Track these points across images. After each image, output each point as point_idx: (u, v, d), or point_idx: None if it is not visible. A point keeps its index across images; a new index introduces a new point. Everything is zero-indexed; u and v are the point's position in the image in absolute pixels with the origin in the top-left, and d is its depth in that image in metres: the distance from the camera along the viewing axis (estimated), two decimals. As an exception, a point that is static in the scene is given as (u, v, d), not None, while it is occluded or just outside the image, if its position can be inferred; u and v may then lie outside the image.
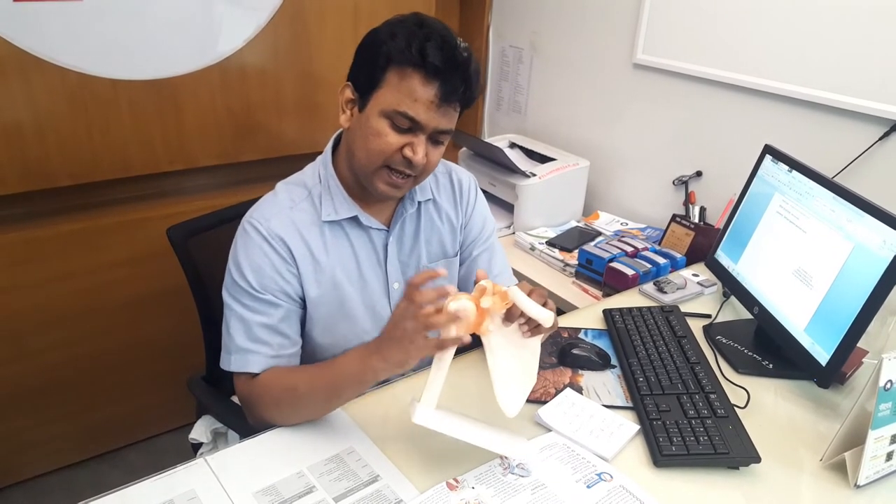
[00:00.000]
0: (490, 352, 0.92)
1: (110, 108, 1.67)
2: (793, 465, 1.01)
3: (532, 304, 0.89)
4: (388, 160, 1.01)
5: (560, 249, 1.86)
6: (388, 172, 1.03)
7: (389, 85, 0.98)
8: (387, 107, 0.98)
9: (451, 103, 0.99)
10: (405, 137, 1.00)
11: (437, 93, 0.96)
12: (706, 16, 1.76)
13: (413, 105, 0.97)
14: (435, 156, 1.05)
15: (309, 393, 0.99)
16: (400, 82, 0.97)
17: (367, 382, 0.95)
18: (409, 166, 1.01)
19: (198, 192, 1.94)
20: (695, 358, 1.20)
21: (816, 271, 1.16)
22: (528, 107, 2.42)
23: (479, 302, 0.88)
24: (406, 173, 1.03)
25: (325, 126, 2.02)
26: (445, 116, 1.00)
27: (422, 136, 1.00)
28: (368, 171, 1.03)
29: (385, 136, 0.99)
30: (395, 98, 0.97)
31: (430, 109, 0.97)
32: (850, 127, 1.53)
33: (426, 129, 0.99)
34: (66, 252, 1.73)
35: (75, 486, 1.92)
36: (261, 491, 0.90)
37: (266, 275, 1.05)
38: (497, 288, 0.90)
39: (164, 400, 2.02)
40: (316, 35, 1.89)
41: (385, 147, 1.00)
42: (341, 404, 1.03)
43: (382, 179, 1.04)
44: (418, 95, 0.96)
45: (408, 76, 0.96)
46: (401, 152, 1.00)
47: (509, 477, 0.93)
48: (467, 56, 0.99)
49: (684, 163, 1.93)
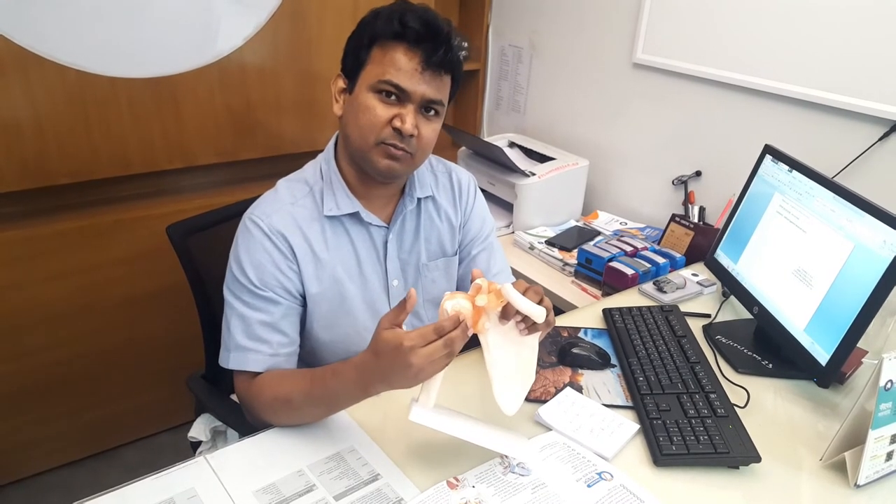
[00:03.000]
0: (487, 350, 0.92)
1: (109, 107, 1.66)
2: (793, 464, 1.01)
3: (524, 301, 0.89)
4: (379, 135, 1.01)
5: (559, 249, 1.86)
6: (383, 147, 1.02)
7: (374, 60, 1.01)
8: (372, 80, 1.00)
9: (435, 69, 1.00)
10: (394, 108, 1.00)
11: (420, 59, 0.98)
12: (706, 15, 1.76)
13: (397, 73, 0.99)
14: (427, 130, 1.04)
15: (304, 406, 0.98)
16: (384, 56, 1.00)
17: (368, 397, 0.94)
18: (402, 138, 1.01)
19: (197, 191, 1.93)
20: (695, 357, 1.20)
21: (816, 271, 1.16)
22: (528, 106, 2.42)
23: (475, 300, 0.88)
24: (400, 146, 1.02)
25: (325, 124, 2.02)
26: (432, 84, 1.01)
27: (410, 106, 1.01)
28: (364, 150, 1.03)
29: (373, 108, 1.00)
30: (380, 70, 1.00)
31: (414, 76, 0.99)
32: (851, 127, 1.53)
33: (413, 96, 1.00)
34: (66, 250, 1.72)
35: (73, 485, 1.91)
36: (261, 489, 0.90)
37: (266, 271, 1.04)
38: (492, 286, 0.90)
39: (162, 398, 2.02)
40: (316, 33, 1.89)
41: (374, 120, 1.00)
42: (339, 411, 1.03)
43: (380, 155, 1.03)
44: (402, 64, 0.99)
45: (391, 48, 0.99)
46: (391, 125, 1.00)
47: (510, 476, 0.93)
48: (449, 25, 1.01)
49: (684, 162, 1.93)
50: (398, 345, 0.83)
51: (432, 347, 0.83)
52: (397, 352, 0.84)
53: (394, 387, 0.88)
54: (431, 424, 0.90)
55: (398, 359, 0.84)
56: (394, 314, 0.87)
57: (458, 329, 0.85)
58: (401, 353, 0.83)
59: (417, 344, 0.83)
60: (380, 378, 0.88)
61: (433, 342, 0.84)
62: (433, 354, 0.83)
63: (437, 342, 0.84)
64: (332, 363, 0.97)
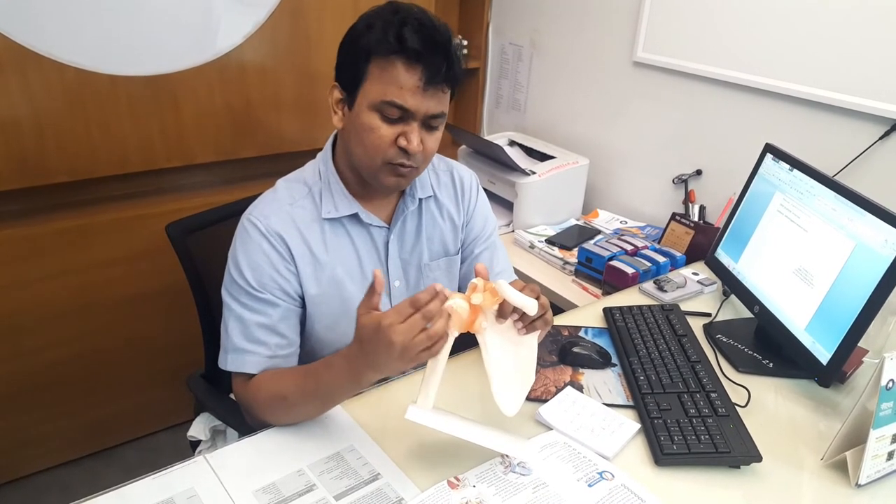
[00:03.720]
0: (486, 350, 0.91)
1: (108, 105, 1.66)
2: (794, 464, 1.00)
3: (516, 294, 0.88)
4: (385, 156, 1.00)
5: (560, 248, 1.86)
6: (390, 168, 1.02)
7: (373, 77, 0.98)
8: (374, 99, 0.98)
9: (437, 85, 0.98)
10: (398, 128, 0.99)
11: (421, 77, 0.96)
12: (706, 14, 1.76)
13: (399, 93, 0.96)
14: (431, 142, 1.03)
15: (300, 402, 0.98)
16: (382, 73, 0.97)
17: (361, 388, 0.94)
18: (407, 156, 1.01)
19: (196, 189, 1.93)
20: (695, 357, 1.20)
21: (817, 270, 1.16)
22: (528, 104, 2.41)
23: (471, 299, 0.88)
24: (406, 164, 1.02)
25: (324, 123, 2.00)
26: (434, 99, 0.99)
27: (414, 124, 1.00)
28: (372, 170, 1.03)
29: (377, 129, 0.99)
30: (380, 89, 0.97)
31: (416, 94, 0.97)
32: (852, 126, 1.53)
33: (417, 115, 0.99)
34: (64, 249, 1.72)
35: (72, 484, 1.91)
36: (261, 489, 0.90)
37: (264, 273, 1.04)
38: (487, 284, 0.89)
39: (161, 397, 2.02)
40: (315, 32, 1.88)
41: (379, 141, 0.99)
42: (335, 405, 1.03)
43: (387, 174, 1.03)
44: (403, 82, 0.96)
45: (390, 65, 0.96)
46: (396, 144, 1.00)
47: (510, 476, 0.93)
48: (446, 35, 0.98)
49: (684, 161, 1.92)
50: (377, 325, 0.83)
51: (411, 321, 0.83)
52: (378, 333, 0.83)
53: (383, 372, 0.88)
54: (427, 423, 0.90)
55: (380, 339, 0.83)
56: (367, 299, 0.87)
57: (435, 300, 0.84)
58: (381, 332, 0.83)
59: (395, 321, 0.82)
60: (368, 364, 0.87)
61: (411, 315, 0.83)
62: (413, 328, 0.82)
63: (415, 315, 0.83)
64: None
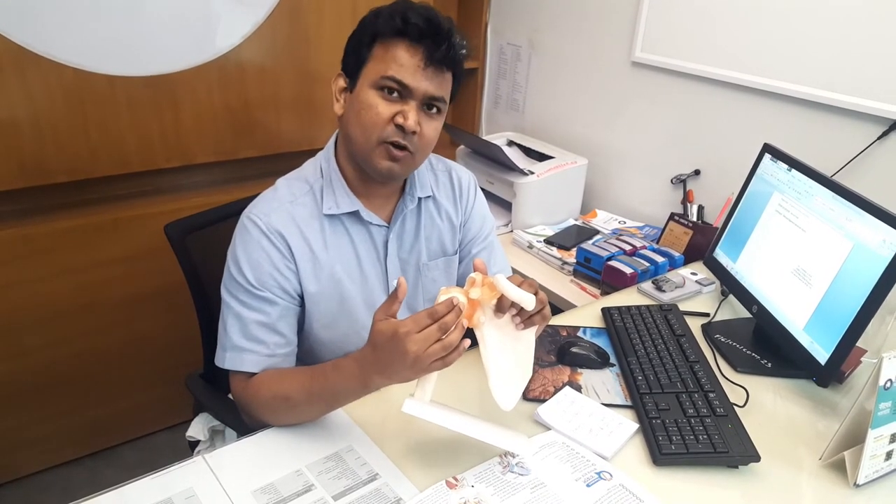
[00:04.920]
0: (484, 345, 0.92)
1: (107, 105, 1.66)
2: (792, 463, 1.01)
3: (514, 288, 0.89)
4: (382, 133, 1.01)
5: (558, 247, 1.86)
6: (385, 147, 1.02)
7: (376, 58, 1.01)
8: (375, 76, 1.00)
9: (437, 66, 1.00)
10: (396, 105, 1.00)
11: (422, 56, 0.98)
12: (705, 14, 1.76)
13: (400, 69, 0.99)
14: (429, 129, 1.04)
15: (304, 403, 0.98)
16: (385, 53, 1.00)
17: (368, 393, 0.94)
18: (404, 135, 1.01)
19: (195, 189, 1.93)
20: (694, 357, 1.20)
21: (816, 270, 1.16)
22: (527, 104, 2.42)
23: (469, 294, 0.88)
24: (402, 144, 1.02)
25: (323, 123, 2.01)
26: (434, 81, 1.00)
27: (412, 103, 1.00)
28: (366, 150, 1.03)
29: (375, 106, 1.00)
30: (382, 66, 1.00)
31: (416, 72, 0.99)
32: (850, 126, 1.53)
33: (415, 93, 1.00)
34: (63, 249, 1.72)
35: (71, 484, 1.91)
36: (259, 489, 0.90)
37: (264, 270, 1.04)
38: (485, 280, 0.90)
39: (160, 397, 2.02)
40: (314, 32, 1.88)
41: (377, 118, 1.00)
42: (338, 408, 1.03)
43: (381, 156, 1.03)
44: (404, 60, 0.99)
45: (393, 45, 0.99)
46: (393, 122, 1.00)
47: (509, 475, 0.93)
48: (450, 23, 1.01)
49: (682, 161, 1.92)
50: (394, 333, 0.84)
51: (427, 332, 0.84)
52: (393, 340, 0.84)
53: (393, 379, 0.89)
54: (424, 416, 0.90)
55: (395, 347, 0.84)
56: (387, 305, 0.88)
57: (452, 313, 0.85)
58: (397, 340, 0.84)
59: (412, 329, 0.83)
60: (379, 370, 0.88)
61: (428, 326, 0.84)
62: (429, 339, 0.84)
63: (431, 326, 0.84)
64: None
